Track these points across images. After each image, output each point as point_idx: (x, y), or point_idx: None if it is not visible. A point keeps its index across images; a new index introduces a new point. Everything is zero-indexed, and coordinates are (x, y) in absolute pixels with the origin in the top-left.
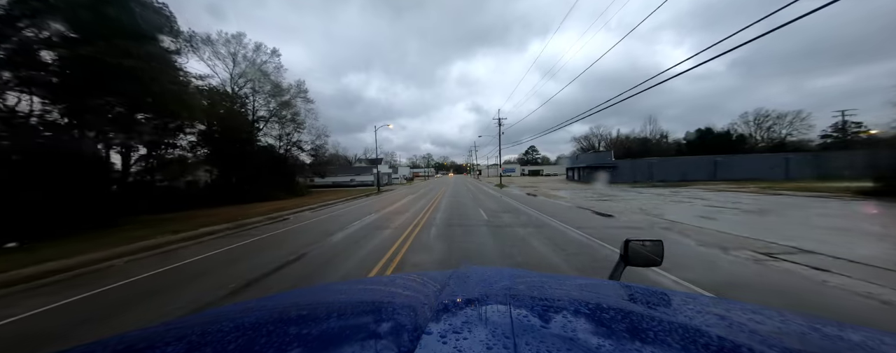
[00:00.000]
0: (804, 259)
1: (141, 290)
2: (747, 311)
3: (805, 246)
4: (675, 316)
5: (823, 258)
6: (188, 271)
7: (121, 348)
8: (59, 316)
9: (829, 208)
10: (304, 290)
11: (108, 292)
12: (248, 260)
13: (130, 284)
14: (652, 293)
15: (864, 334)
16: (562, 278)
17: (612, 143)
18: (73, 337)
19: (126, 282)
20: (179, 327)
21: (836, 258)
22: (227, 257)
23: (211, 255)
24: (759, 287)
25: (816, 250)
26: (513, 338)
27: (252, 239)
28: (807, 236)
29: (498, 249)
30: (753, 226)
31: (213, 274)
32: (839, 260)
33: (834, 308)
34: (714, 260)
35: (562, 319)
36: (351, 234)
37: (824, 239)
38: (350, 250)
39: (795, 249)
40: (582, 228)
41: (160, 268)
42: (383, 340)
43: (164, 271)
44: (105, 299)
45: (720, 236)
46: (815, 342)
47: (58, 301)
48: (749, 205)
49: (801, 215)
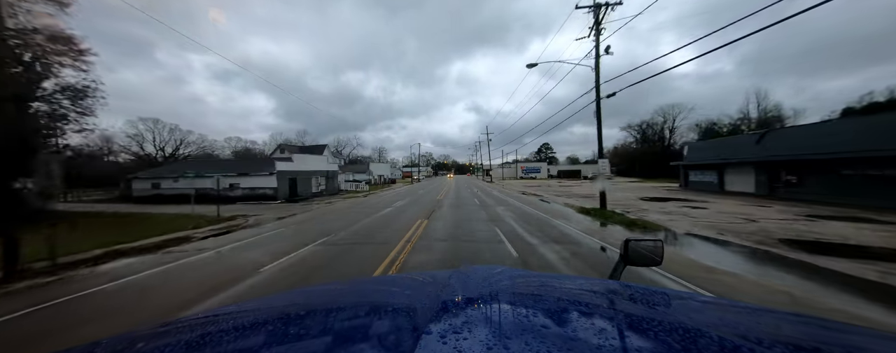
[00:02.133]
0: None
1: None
2: (747, 311)
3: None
4: (675, 316)
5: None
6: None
7: (120, 348)
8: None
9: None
10: (305, 290)
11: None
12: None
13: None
14: (652, 293)
15: (863, 334)
16: (562, 279)
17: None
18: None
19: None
20: (179, 327)
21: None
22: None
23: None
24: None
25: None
26: (513, 338)
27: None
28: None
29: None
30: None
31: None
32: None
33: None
34: None
35: (562, 319)
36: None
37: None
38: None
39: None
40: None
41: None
42: (383, 340)
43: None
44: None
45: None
46: (814, 342)
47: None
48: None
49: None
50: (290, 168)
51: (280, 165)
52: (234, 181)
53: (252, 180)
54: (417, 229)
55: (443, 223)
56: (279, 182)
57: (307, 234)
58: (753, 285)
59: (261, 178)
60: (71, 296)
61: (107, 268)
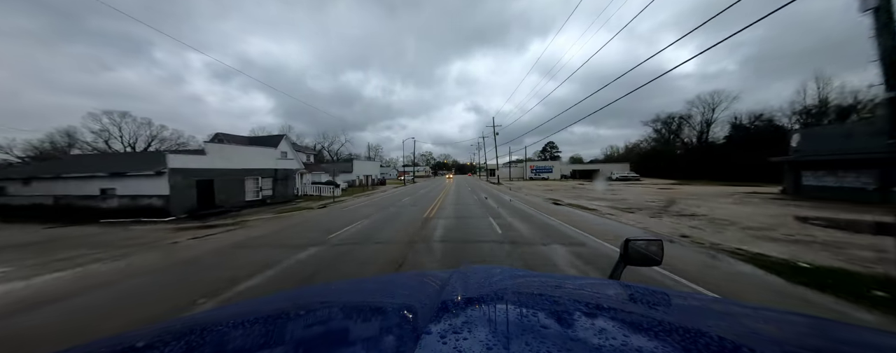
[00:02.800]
0: None
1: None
2: (747, 310)
3: None
4: (675, 316)
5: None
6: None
7: (119, 348)
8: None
9: None
10: (305, 289)
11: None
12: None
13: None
14: (652, 293)
15: (863, 333)
16: (562, 279)
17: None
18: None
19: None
20: (179, 327)
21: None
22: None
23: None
24: None
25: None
26: (513, 338)
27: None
28: None
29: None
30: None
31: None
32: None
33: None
34: None
35: (562, 319)
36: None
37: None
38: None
39: None
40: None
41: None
42: (383, 340)
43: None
44: None
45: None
46: (814, 342)
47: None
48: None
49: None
50: (202, 165)
51: (177, 161)
52: (108, 186)
53: (131, 183)
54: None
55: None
56: (175, 187)
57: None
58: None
59: (144, 181)
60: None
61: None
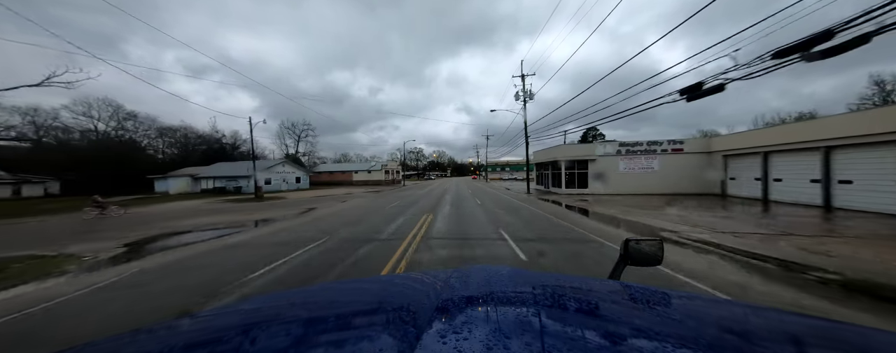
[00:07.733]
0: None
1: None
2: (747, 311)
3: None
4: (676, 316)
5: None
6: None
7: (119, 348)
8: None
9: None
10: (305, 289)
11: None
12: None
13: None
14: (652, 293)
15: (863, 333)
16: (562, 278)
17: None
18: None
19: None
20: (178, 327)
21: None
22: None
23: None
24: None
25: None
26: (513, 338)
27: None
28: None
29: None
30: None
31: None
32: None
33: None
34: None
35: (562, 318)
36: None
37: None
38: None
39: None
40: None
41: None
42: (383, 340)
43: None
44: None
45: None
46: (814, 342)
47: None
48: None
49: None
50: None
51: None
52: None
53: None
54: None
55: None
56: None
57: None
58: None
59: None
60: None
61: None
